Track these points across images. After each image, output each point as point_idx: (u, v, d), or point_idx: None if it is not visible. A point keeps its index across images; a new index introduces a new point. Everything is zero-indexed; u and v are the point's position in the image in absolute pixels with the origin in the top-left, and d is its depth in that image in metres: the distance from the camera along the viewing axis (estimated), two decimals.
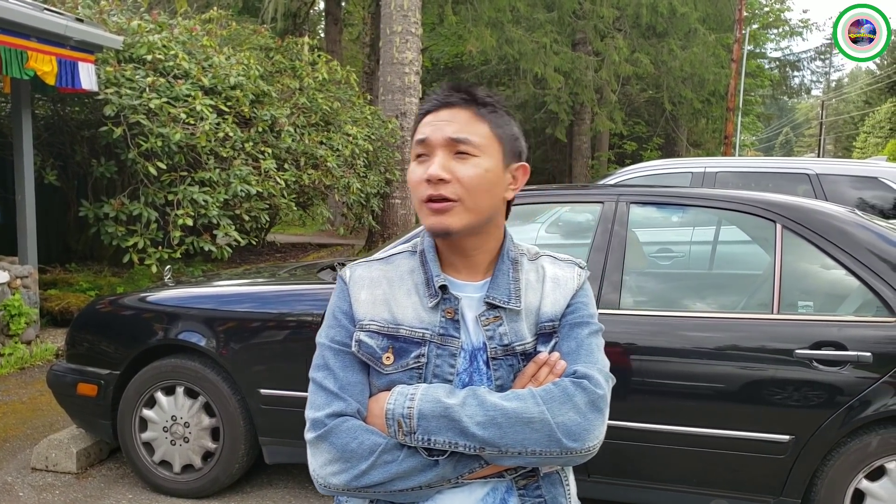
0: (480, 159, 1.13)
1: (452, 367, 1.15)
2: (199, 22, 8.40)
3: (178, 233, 6.32)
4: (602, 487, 2.98)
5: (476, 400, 1.08)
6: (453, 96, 1.16)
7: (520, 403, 1.08)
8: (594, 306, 1.23)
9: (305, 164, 8.17)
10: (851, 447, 2.66)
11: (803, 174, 5.60)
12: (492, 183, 1.14)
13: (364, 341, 1.16)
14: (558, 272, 1.23)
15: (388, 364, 1.14)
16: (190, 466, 3.40)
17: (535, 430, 1.06)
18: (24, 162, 5.84)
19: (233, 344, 3.29)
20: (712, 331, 2.86)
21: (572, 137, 20.94)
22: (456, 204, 1.12)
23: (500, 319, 1.16)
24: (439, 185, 1.12)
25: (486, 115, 1.15)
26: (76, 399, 3.55)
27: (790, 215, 2.89)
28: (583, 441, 1.08)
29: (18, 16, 5.11)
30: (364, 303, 1.19)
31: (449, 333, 1.15)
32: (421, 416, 1.07)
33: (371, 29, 17.31)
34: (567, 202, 3.73)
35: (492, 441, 1.06)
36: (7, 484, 3.52)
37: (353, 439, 1.09)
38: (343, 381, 1.14)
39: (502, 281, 1.18)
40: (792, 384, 2.67)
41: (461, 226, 1.13)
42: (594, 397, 1.10)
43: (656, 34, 18.95)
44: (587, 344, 1.16)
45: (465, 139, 1.13)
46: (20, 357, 5.49)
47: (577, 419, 1.08)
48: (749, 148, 36.16)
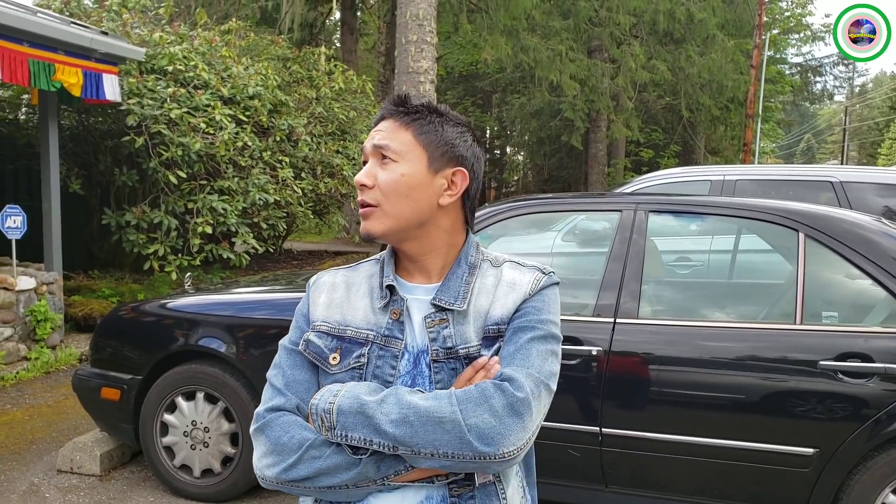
0: (399, 164, 1.16)
1: (394, 369, 1.15)
2: (219, 33, 8.54)
3: (198, 240, 6.42)
4: (619, 498, 2.94)
5: (395, 398, 1.07)
6: (386, 108, 1.21)
7: (434, 403, 1.05)
8: (551, 313, 1.19)
9: (322, 172, 8.26)
10: (879, 461, 2.58)
11: (826, 182, 5.48)
12: (409, 187, 1.16)
13: (312, 341, 1.20)
14: (516, 277, 1.21)
15: (334, 364, 1.17)
16: (209, 471, 3.45)
17: (446, 430, 1.03)
18: (51, 171, 5.96)
19: (252, 350, 3.34)
20: (734, 341, 2.81)
21: (588, 145, 20.89)
22: (375, 209, 1.16)
23: (445, 322, 1.16)
24: (363, 191, 1.17)
25: (409, 123, 1.18)
26: (100, 403, 3.62)
27: (813, 224, 2.83)
28: (496, 446, 1.03)
29: (47, 30, 5.25)
30: (320, 305, 1.23)
31: (393, 335, 1.16)
32: (339, 411, 1.07)
33: (386, 38, 17.46)
34: (585, 210, 3.71)
35: (403, 440, 1.04)
36: (34, 485, 3.60)
37: (286, 433, 1.12)
38: (289, 378, 1.18)
39: (453, 284, 1.19)
40: (816, 396, 2.61)
41: (382, 230, 1.17)
42: (513, 400, 1.05)
43: (674, 40, 18.88)
44: (525, 348, 1.12)
45: (385, 145, 1.16)
46: (45, 361, 5.60)
47: (492, 422, 1.04)
48: (769, 155, 35.81)
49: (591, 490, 2.95)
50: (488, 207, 3.35)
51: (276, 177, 7.25)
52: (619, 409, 2.87)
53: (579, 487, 2.98)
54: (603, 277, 2.98)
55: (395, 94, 1.24)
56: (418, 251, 1.20)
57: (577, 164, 23.92)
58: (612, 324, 2.89)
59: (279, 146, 7.58)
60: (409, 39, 11.28)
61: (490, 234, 3.33)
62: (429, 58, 11.48)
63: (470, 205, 1.24)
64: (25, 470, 3.77)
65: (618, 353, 2.85)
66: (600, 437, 2.86)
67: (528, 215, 3.37)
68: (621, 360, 2.85)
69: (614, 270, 2.98)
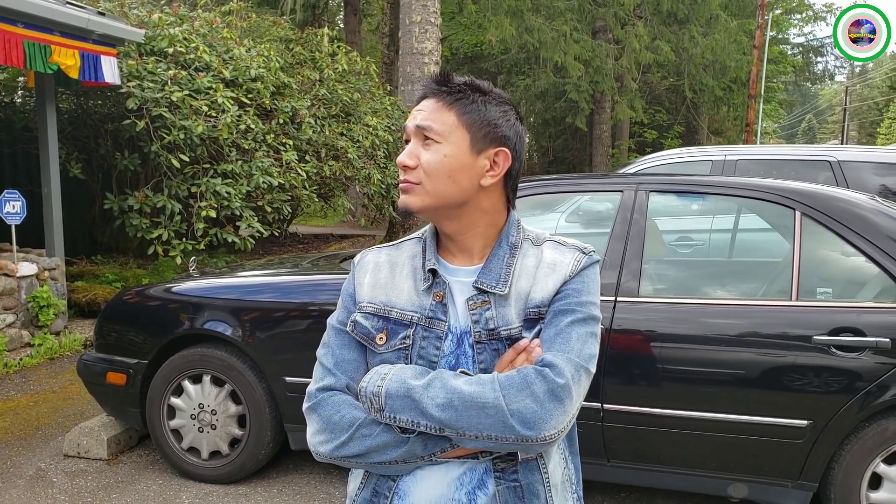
0: (442, 146, 1.17)
1: (438, 350, 1.18)
2: (220, 14, 8.46)
3: (202, 224, 6.40)
4: (621, 472, 3.03)
5: (440, 382, 1.10)
6: (429, 87, 1.21)
7: (478, 388, 1.08)
8: (591, 294, 1.20)
9: (326, 155, 8.22)
10: (869, 432, 2.69)
11: (825, 161, 5.52)
12: (452, 168, 1.17)
13: (359, 322, 1.23)
14: (557, 257, 1.21)
15: (381, 344, 1.20)
16: (217, 453, 3.47)
17: (489, 415, 1.07)
18: (50, 156, 5.93)
19: (258, 333, 3.34)
20: (731, 317, 2.88)
21: (592, 126, 20.80)
22: (416, 186, 1.18)
23: (487, 304, 1.18)
24: (406, 171, 1.19)
25: (452, 104, 1.18)
26: (106, 388, 3.63)
27: (809, 202, 2.90)
28: (538, 430, 1.07)
29: (41, 10, 5.18)
30: (366, 286, 1.26)
31: (437, 316, 1.19)
32: (388, 395, 1.11)
33: (390, 19, 17.32)
34: (586, 191, 3.73)
35: (449, 423, 1.08)
36: (41, 470, 3.61)
37: (337, 412, 1.17)
38: (338, 357, 1.22)
39: (495, 265, 1.20)
40: (810, 370, 2.69)
41: (420, 206, 1.18)
42: (553, 386, 1.08)
43: (677, 21, 18.72)
44: (566, 332, 1.14)
45: (427, 126, 1.17)
46: (49, 347, 5.61)
47: (534, 407, 1.07)
48: (771, 135, 35.64)
49: (594, 465, 3.00)
50: None
51: (280, 160, 7.21)
52: (620, 386, 2.92)
53: (582, 462, 2.98)
54: (604, 257, 3.01)
55: (436, 73, 1.23)
56: (457, 230, 1.22)
57: (581, 145, 23.82)
58: (613, 302, 2.93)
59: (283, 129, 7.53)
60: (412, 20, 11.20)
61: None
62: (433, 38, 11.40)
63: (512, 184, 1.25)
64: (32, 455, 3.78)
65: (619, 330, 2.91)
66: (602, 413, 2.91)
67: (531, 196, 3.36)
68: (622, 338, 2.91)
69: (615, 250, 3.02)
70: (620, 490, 3.40)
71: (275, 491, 3.40)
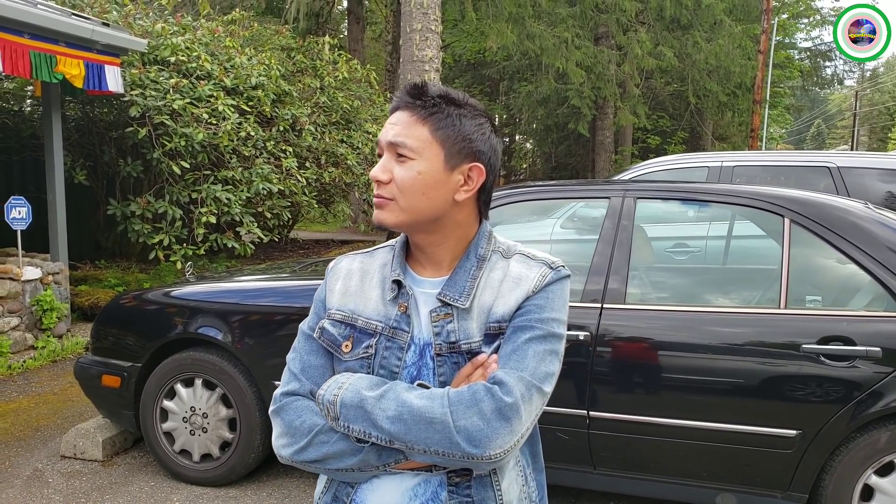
0: (415, 162, 1.15)
1: (399, 360, 1.18)
2: (222, 23, 8.57)
3: (202, 230, 6.49)
4: (608, 480, 3.00)
5: (393, 395, 1.11)
6: (403, 98, 1.19)
7: (427, 402, 1.09)
8: (555, 311, 1.17)
9: (326, 161, 8.30)
10: (860, 443, 2.63)
11: (824, 167, 5.48)
12: (426, 185, 1.15)
13: (326, 329, 1.24)
14: (523, 271, 1.20)
15: (346, 352, 1.21)
16: (208, 456, 3.52)
17: (437, 430, 1.07)
18: (55, 162, 6.03)
19: (248, 338, 3.40)
20: (718, 325, 2.85)
21: (595, 132, 20.82)
22: (391, 202, 1.17)
23: (450, 317, 1.17)
24: (379, 185, 1.18)
25: (427, 118, 1.16)
26: (101, 390, 3.69)
27: (798, 209, 2.86)
28: (483, 448, 1.06)
29: (47, 21, 5.30)
30: (336, 293, 1.27)
31: (400, 327, 1.19)
32: (342, 404, 1.12)
33: (393, 27, 17.42)
34: (574, 198, 3.74)
35: (398, 436, 1.09)
36: (38, 470, 3.68)
37: (298, 417, 1.18)
38: (305, 363, 1.24)
39: (460, 278, 1.19)
40: (799, 379, 2.65)
41: (395, 222, 1.17)
42: (501, 405, 1.07)
43: (681, 26, 18.74)
44: (522, 349, 1.13)
45: (401, 143, 1.16)
46: (52, 350, 5.70)
47: (480, 425, 1.06)
48: (778, 141, 35.51)
49: (580, 472, 3.00)
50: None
51: (280, 166, 7.30)
52: (606, 393, 2.92)
53: (568, 469, 3.03)
54: (591, 263, 3.02)
55: (409, 83, 1.20)
56: (430, 242, 1.22)
57: (584, 151, 23.86)
58: (599, 309, 2.93)
59: (283, 136, 7.63)
60: (413, 28, 11.27)
61: None
62: (433, 46, 11.46)
63: (485, 197, 1.24)
64: (30, 456, 3.85)
65: (605, 337, 2.90)
66: (588, 420, 2.91)
67: (518, 203, 3.39)
68: (608, 345, 2.90)
69: (602, 256, 3.02)
70: (608, 498, 3.40)
71: (264, 494, 3.46)
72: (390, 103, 1.23)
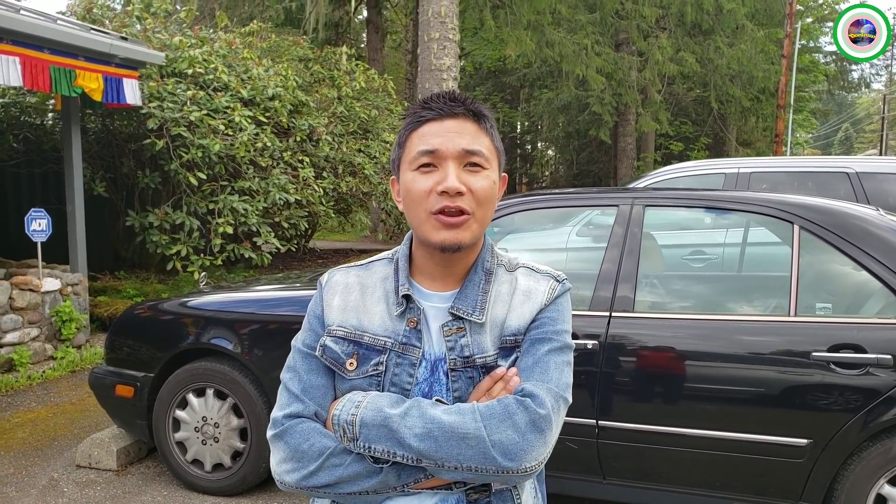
0: (489, 172, 1.14)
1: (411, 377, 1.15)
2: (240, 35, 8.67)
3: (219, 240, 6.55)
4: (618, 490, 2.98)
5: (418, 411, 1.08)
6: (459, 107, 1.14)
7: (458, 418, 1.06)
8: (565, 322, 1.19)
9: (343, 171, 8.34)
10: (873, 452, 2.59)
11: (842, 173, 5.40)
12: (495, 196, 1.16)
13: (329, 346, 1.19)
14: (532, 285, 1.20)
15: (351, 370, 1.17)
16: (220, 465, 3.54)
17: (470, 446, 1.04)
18: (74, 175, 6.13)
19: (258, 348, 3.41)
20: (728, 334, 2.82)
21: (617, 138, 20.73)
22: (469, 217, 1.12)
23: (463, 331, 1.15)
24: (457, 198, 1.10)
25: (487, 129, 1.16)
26: (115, 400, 3.73)
27: (807, 216, 2.84)
28: (519, 461, 1.05)
29: (67, 37, 5.40)
30: (335, 308, 1.22)
31: (410, 343, 1.16)
32: (363, 424, 1.08)
33: (413, 36, 17.50)
34: (582, 206, 3.73)
35: (428, 454, 1.05)
36: (53, 480, 3.72)
37: (305, 440, 1.12)
38: (306, 383, 1.18)
39: (471, 292, 1.17)
40: (809, 387, 2.62)
41: (471, 239, 1.13)
42: (535, 417, 1.07)
43: (702, 32, 18.62)
44: (544, 361, 1.13)
45: (479, 151, 1.12)
46: (71, 361, 5.77)
47: (515, 438, 1.05)
48: (804, 146, 35.04)
49: (590, 482, 2.98)
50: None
51: (297, 176, 7.34)
52: (615, 402, 2.89)
53: (578, 479, 3.00)
54: (599, 271, 3.00)
55: (450, 92, 1.17)
56: (460, 257, 1.18)
57: (606, 158, 23.76)
58: (608, 317, 2.91)
59: (300, 146, 7.68)
60: (431, 37, 11.31)
61: (495, 232, 3.36)
62: (451, 55, 11.49)
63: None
64: (46, 465, 3.90)
65: (613, 345, 2.88)
66: (597, 430, 2.89)
67: (528, 212, 3.37)
68: (616, 353, 2.88)
69: (611, 264, 3.00)
70: None
71: None
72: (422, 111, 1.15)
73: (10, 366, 5.44)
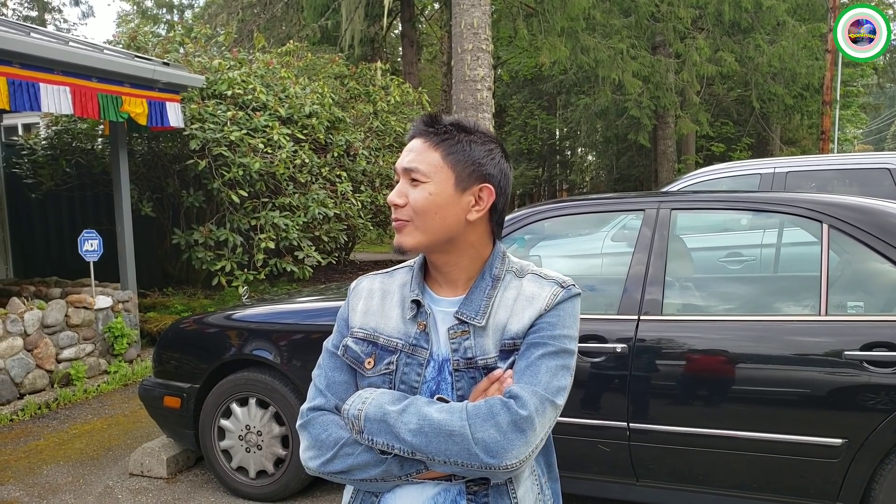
0: (427, 184, 1.24)
1: (419, 376, 1.25)
2: (277, 55, 8.91)
3: (262, 255, 6.73)
4: (651, 492, 2.99)
5: (414, 409, 1.17)
6: (417, 128, 1.28)
7: (447, 416, 1.15)
8: (566, 328, 1.25)
9: (381, 184, 8.48)
10: None
11: (883, 169, 5.29)
12: (437, 205, 1.24)
13: (350, 346, 1.32)
14: (535, 290, 1.27)
15: (369, 368, 1.29)
16: (264, 472, 3.66)
17: (456, 442, 1.13)
18: (122, 196, 6.40)
19: (296, 358, 3.52)
20: (759, 334, 2.81)
21: (656, 142, 20.47)
22: (408, 224, 1.25)
23: (467, 334, 1.25)
24: (396, 209, 1.26)
25: (438, 144, 1.25)
26: (163, 411, 3.89)
27: (837, 214, 2.82)
28: (500, 458, 1.13)
29: (113, 65, 5.66)
30: (359, 312, 1.34)
31: (419, 344, 1.26)
32: (367, 418, 1.19)
33: (448, 48, 17.66)
34: (609, 211, 3.74)
35: (419, 448, 1.15)
36: (108, 487, 3.90)
37: (324, 431, 1.26)
38: (330, 379, 1.31)
39: (476, 297, 1.26)
40: (842, 387, 2.60)
41: (413, 244, 1.25)
42: (516, 418, 1.14)
43: (741, 30, 18.29)
44: (535, 365, 1.20)
45: (414, 168, 1.25)
46: (123, 375, 6.01)
47: (497, 437, 1.13)
48: (853, 143, 34.04)
49: (623, 484, 3.00)
50: (514, 212, 3.43)
51: (336, 191, 7.51)
52: (646, 404, 2.91)
53: (611, 482, 3.02)
54: (627, 275, 3.02)
55: (425, 114, 1.31)
56: (445, 262, 1.29)
57: (647, 161, 23.47)
58: (636, 320, 2.93)
59: (337, 161, 7.86)
60: (464, 48, 11.41)
61: (514, 238, 3.41)
62: (485, 65, 11.56)
63: (497, 218, 1.31)
64: (102, 474, 4.08)
65: (642, 348, 2.90)
66: (628, 432, 2.91)
67: (555, 218, 3.41)
68: (645, 356, 2.89)
69: (639, 268, 3.02)
70: None
71: None
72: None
73: (67, 380, 5.70)
